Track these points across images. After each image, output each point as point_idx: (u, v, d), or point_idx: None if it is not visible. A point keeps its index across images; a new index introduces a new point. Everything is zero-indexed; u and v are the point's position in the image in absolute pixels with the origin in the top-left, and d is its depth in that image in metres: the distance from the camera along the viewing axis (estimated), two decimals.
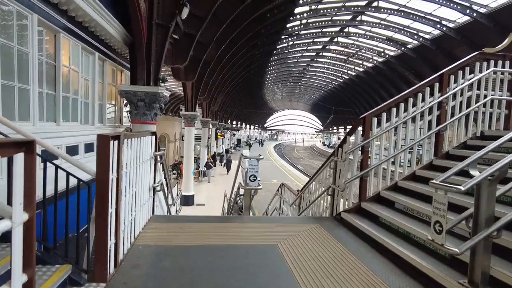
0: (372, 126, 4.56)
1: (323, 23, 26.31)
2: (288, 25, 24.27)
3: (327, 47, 35.28)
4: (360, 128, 4.59)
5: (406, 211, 4.05)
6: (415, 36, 25.64)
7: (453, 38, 22.56)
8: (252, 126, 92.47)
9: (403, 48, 28.42)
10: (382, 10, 22.67)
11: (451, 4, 19.79)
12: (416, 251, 3.17)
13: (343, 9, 23.22)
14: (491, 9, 19.63)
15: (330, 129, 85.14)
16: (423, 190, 4.11)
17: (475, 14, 19.81)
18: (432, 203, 2.38)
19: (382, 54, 32.01)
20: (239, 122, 71.83)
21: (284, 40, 28.63)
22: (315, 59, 41.08)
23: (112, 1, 5.88)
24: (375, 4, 22.55)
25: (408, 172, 4.71)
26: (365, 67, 38.52)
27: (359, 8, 23.32)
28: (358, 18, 25.58)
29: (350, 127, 4.94)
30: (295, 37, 28.86)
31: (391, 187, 4.64)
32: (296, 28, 26.12)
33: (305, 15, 22.95)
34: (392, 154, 4.55)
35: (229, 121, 53.36)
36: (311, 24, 26.04)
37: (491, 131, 4.88)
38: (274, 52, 31.86)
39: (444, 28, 22.29)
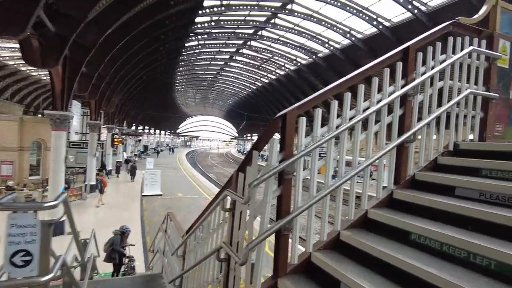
0: (299, 132, 2.42)
1: (236, 22, 24.59)
2: (197, 20, 21.81)
3: (240, 51, 33.84)
4: (277, 136, 2.40)
5: None
6: (326, 45, 25.72)
7: (360, 48, 23.03)
8: (162, 132, 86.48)
9: (314, 57, 28.49)
10: (296, 13, 21.94)
11: (361, 14, 19.92)
12: None
13: (256, 8, 21.79)
14: (393, 23, 20.36)
15: (245, 136, 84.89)
16: (389, 256, 2.13)
17: (380, 27, 20.31)
18: None
19: (294, 61, 31.86)
20: (146, 127, 65.98)
21: (194, 38, 26.05)
22: (228, 63, 39.38)
23: None
24: (289, 6, 21.66)
25: (356, 215, 2.70)
26: (278, 74, 38.25)
27: (273, 9, 22.18)
28: (272, 21, 24.54)
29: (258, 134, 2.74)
30: (205, 36, 26.52)
31: (329, 243, 2.58)
32: (206, 25, 23.81)
33: (215, 9, 20.80)
34: (334, 183, 2.48)
35: (133, 126, 48.00)
36: (223, 22, 24.04)
37: (467, 144, 3.20)
38: (183, 51, 29.01)
39: (353, 38, 22.59)
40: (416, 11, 17.74)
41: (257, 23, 25.27)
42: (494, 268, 1.88)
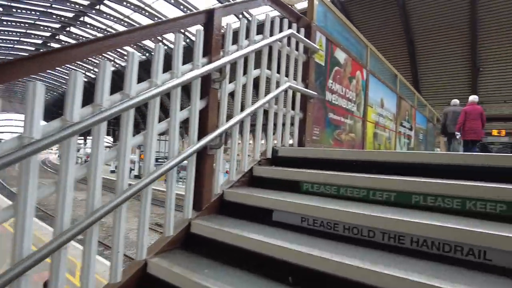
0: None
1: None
2: None
3: (57, 37, 28.13)
4: None
5: None
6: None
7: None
8: None
9: (147, 54, 26.60)
10: (125, 3, 19.61)
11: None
12: None
13: None
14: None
15: None
16: None
17: None
18: None
19: (126, 57, 28.89)
20: None
21: None
22: (41, 50, 32.23)
23: None
24: None
25: (126, 274, 1.58)
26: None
27: None
28: (97, 7, 21.19)
29: None
30: (1, 9, 20.46)
31: None
32: None
33: None
34: (80, 222, 1.28)
35: None
36: None
37: (286, 149, 2.59)
38: None
39: (188, 40, 22.05)
40: None
41: (79, 7, 21.32)
42: None
